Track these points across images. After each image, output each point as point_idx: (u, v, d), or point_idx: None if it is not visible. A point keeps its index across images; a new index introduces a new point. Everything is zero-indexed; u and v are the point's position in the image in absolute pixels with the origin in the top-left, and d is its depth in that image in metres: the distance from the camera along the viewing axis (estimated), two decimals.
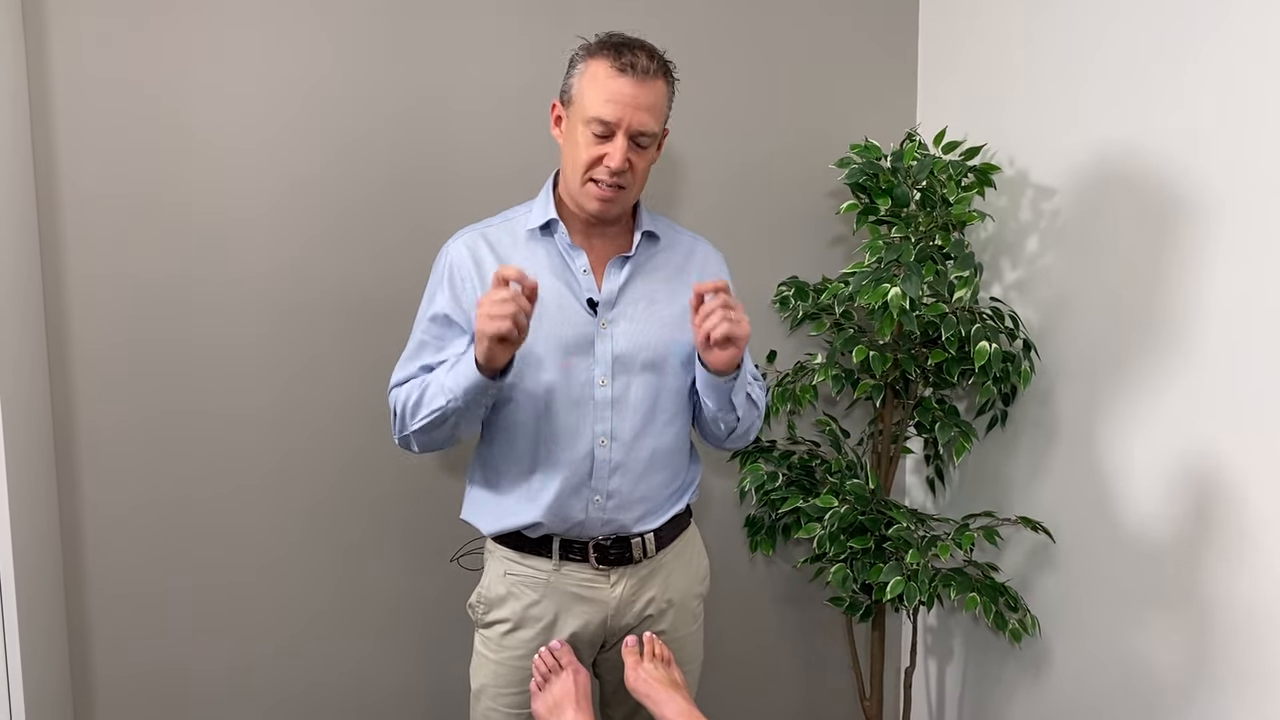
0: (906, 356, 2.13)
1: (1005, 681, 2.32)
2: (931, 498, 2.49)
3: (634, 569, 1.70)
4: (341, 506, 2.10)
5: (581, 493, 1.64)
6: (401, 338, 1.66)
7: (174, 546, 2.00)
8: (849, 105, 2.38)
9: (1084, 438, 2.09)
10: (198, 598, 2.03)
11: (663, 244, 1.68)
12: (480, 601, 1.71)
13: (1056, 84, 2.09)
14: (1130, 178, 1.95)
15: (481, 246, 1.63)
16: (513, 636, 1.68)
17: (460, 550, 1.95)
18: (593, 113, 1.52)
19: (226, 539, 2.03)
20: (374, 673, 2.15)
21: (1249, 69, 1.72)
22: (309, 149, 2.00)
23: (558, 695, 1.58)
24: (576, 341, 1.61)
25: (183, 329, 1.96)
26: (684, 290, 1.67)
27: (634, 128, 1.53)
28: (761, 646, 2.49)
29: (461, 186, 2.10)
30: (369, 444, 2.08)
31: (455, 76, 2.07)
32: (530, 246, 1.64)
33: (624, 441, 1.64)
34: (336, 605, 2.12)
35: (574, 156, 1.57)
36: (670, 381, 1.67)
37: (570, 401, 1.61)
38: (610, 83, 1.51)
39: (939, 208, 2.07)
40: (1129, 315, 1.97)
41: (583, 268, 1.62)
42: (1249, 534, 1.78)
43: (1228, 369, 1.79)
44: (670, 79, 1.58)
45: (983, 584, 2.14)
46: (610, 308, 1.63)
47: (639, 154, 1.56)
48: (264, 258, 2.00)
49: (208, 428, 2.00)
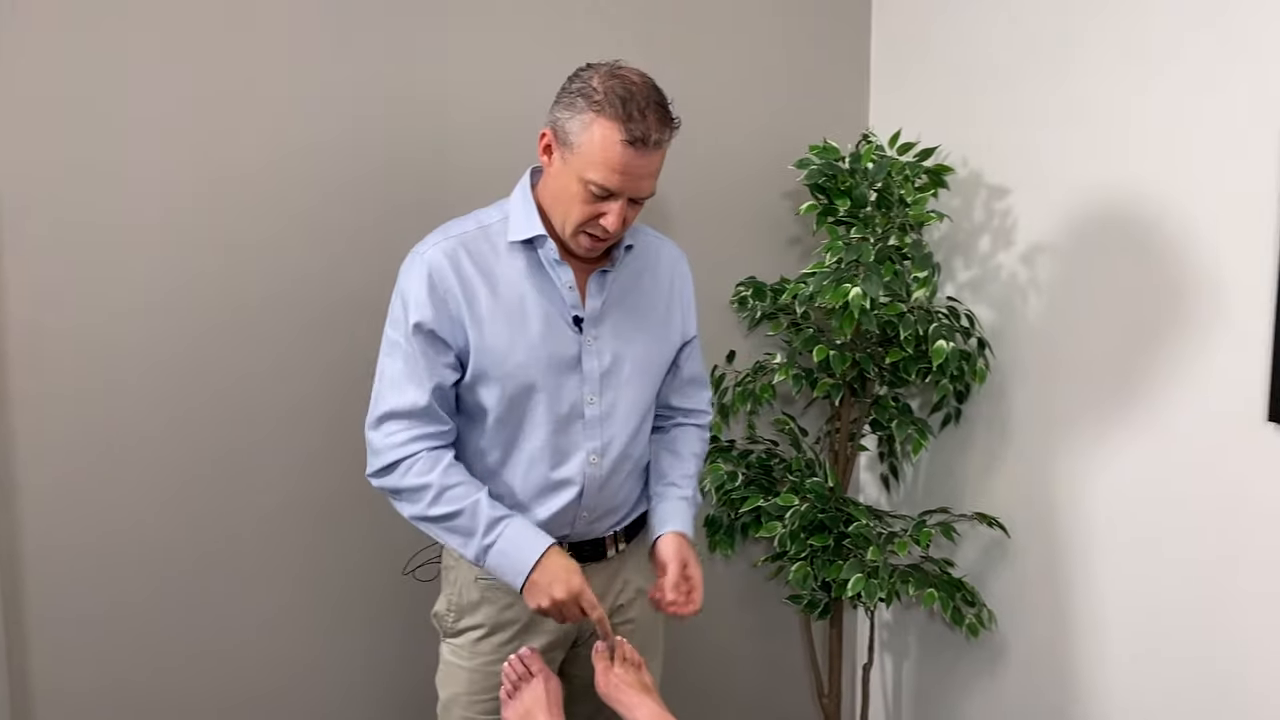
0: (865, 356, 2.15)
1: (961, 676, 2.36)
2: (886, 494, 2.51)
3: (603, 565, 1.70)
4: (292, 518, 2.04)
5: (572, 511, 1.63)
6: (348, 339, 1.58)
7: (117, 558, 1.92)
8: (802, 107, 2.39)
9: (1037, 434, 2.13)
10: (139, 611, 1.95)
11: (636, 250, 1.65)
12: (450, 610, 1.68)
13: (1008, 86, 2.12)
14: (1080, 178, 1.99)
15: (462, 256, 1.54)
16: (487, 642, 1.66)
17: (415, 562, 1.91)
18: (594, 176, 1.45)
19: (171, 549, 1.96)
20: (325, 680, 2.11)
21: (1194, 71, 1.77)
22: (247, 150, 1.94)
23: (529, 703, 1.56)
24: (565, 360, 1.57)
25: (125, 336, 1.88)
26: (656, 292, 1.67)
27: (636, 194, 1.48)
28: (719, 646, 2.49)
29: (407, 185, 2.05)
30: (320, 452, 2.02)
31: (406, 71, 2.03)
32: (512, 259, 1.56)
33: (612, 457, 1.63)
34: (288, 614, 2.06)
35: (567, 207, 1.50)
36: (651, 392, 1.68)
37: (562, 421, 1.59)
38: (617, 152, 1.43)
39: (896, 208, 2.09)
40: (1080, 313, 2.02)
41: (568, 284, 1.57)
42: (1198, 528, 1.83)
43: (1176, 366, 1.84)
44: (674, 130, 1.50)
45: (940, 580, 2.17)
46: (595, 324, 1.59)
47: (635, 208, 1.52)
48: (195, 262, 1.92)
49: (153, 435, 1.93)
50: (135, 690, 1.94)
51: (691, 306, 1.73)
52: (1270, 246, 1.68)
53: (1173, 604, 1.89)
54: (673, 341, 1.70)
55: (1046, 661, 2.15)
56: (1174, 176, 1.82)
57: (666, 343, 1.68)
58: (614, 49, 1.82)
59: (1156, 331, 1.88)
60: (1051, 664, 2.14)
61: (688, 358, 1.75)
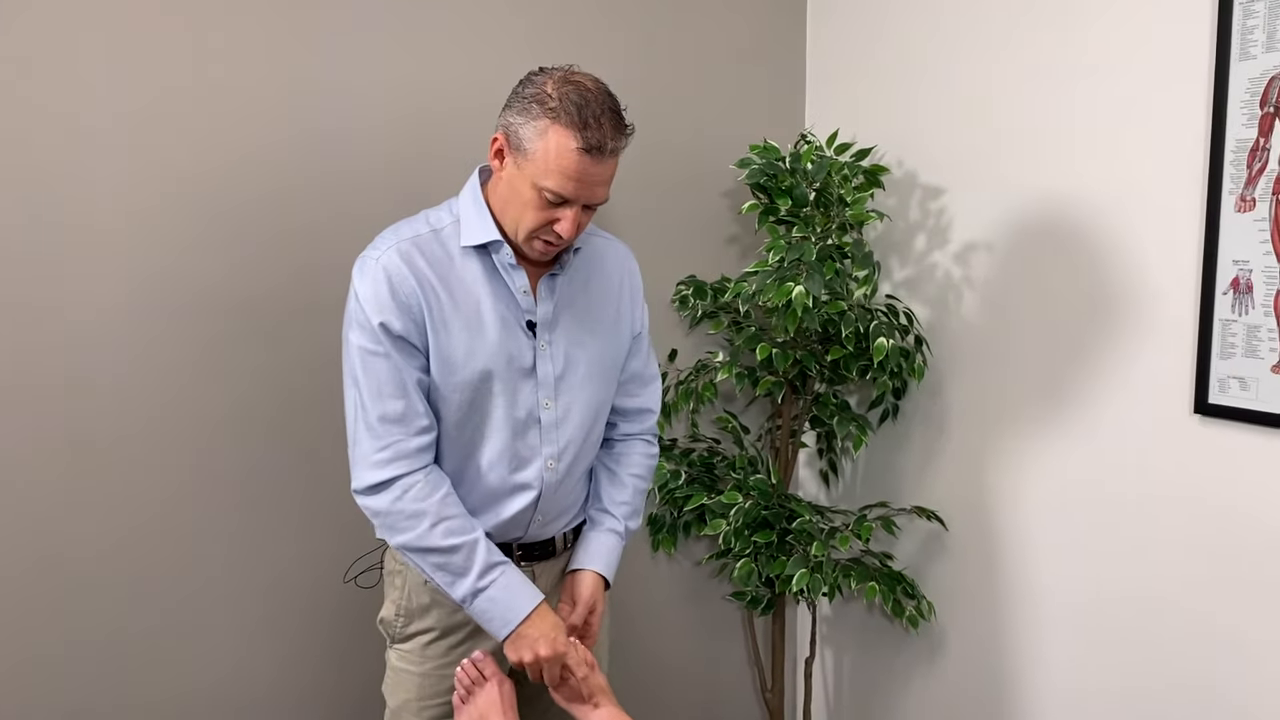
0: (807, 354, 2.18)
1: (900, 667, 2.40)
2: (825, 490, 2.55)
3: (554, 561, 1.70)
4: (235, 525, 1.99)
5: (528, 515, 1.62)
6: (284, 337, 1.52)
7: (40, 574, 1.84)
8: (740, 108, 2.41)
9: (973, 429, 2.18)
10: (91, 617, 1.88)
11: (582, 251, 1.64)
12: (399, 615, 1.65)
13: (941, 88, 2.17)
14: (1012, 178, 2.04)
15: (417, 259, 1.50)
16: (437, 645, 1.64)
17: (356, 569, 1.88)
18: (548, 184, 1.44)
19: (99, 562, 1.89)
20: (268, 690, 2.06)
21: (1122, 75, 1.83)
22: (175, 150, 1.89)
23: (483, 707, 1.55)
24: (520, 365, 1.56)
25: (93, 336, 1.81)
26: (605, 293, 1.66)
27: (591, 201, 1.48)
28: (662, 644, 2.50)
29: (333, 179, 2.01)
30: (259, 460, 1.97)
31: (384, 65, 2.00)
32: (466, 263, 1.53)
33: (568, 461, 1.62)
34: (222, 621, 2.01)
35: (519, 212, 1.49)
36: (604, 392, 1.67)
37: (519, 425, 1.57)
38: (573, 160, 1.42)
39: (835, 208, 2.12)
40: (1013, 310, 2.07)
41: (523, 288, 1.55)
42: (1129, 517, 1.89)
43: (1106, 361, 1.90)
44: (628, 137, 1.48)
45: (880, 573, 2.21)
46: (549, 329, 1.58)
47: (588, 214, 1.51)
48: (164, 263, 1.85)
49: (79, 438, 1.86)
50: (90, 693, 1.87)
51: (640, 302, 1.73)
52: (1194, 241, 1.75)
53: (1106, 592, 1.96)
54: (624, 341, 1.70)
55: (984, 651, 2.21)
56: (1103, 176, 1.89)
57: (618, 343, 1.68)
58: (548, 52, 1.82)
59: (1087, 327, 1.94)
60: (988, 654, 2.20)
61: (634, 353, 1.74)
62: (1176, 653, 1.85)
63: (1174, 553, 1.84)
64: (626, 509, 1.74)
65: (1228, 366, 1.71)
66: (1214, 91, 1.68)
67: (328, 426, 1.93)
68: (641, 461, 1.78)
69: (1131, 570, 1.91)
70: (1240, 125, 1.66)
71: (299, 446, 1.99)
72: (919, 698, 2.37)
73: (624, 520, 1.73)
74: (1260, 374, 1.67)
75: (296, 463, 1.99)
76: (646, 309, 1.75)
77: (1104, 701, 1.98)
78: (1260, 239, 1.65)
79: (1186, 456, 1.79)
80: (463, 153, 1.86)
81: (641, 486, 1.77)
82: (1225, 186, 1.68)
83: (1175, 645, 1.85)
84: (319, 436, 1.98)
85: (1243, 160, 1.66)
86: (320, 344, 1.94)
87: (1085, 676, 2.01)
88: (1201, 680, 1.81)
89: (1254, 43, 1.63)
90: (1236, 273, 1.68)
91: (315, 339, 1.94)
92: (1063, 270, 1.97)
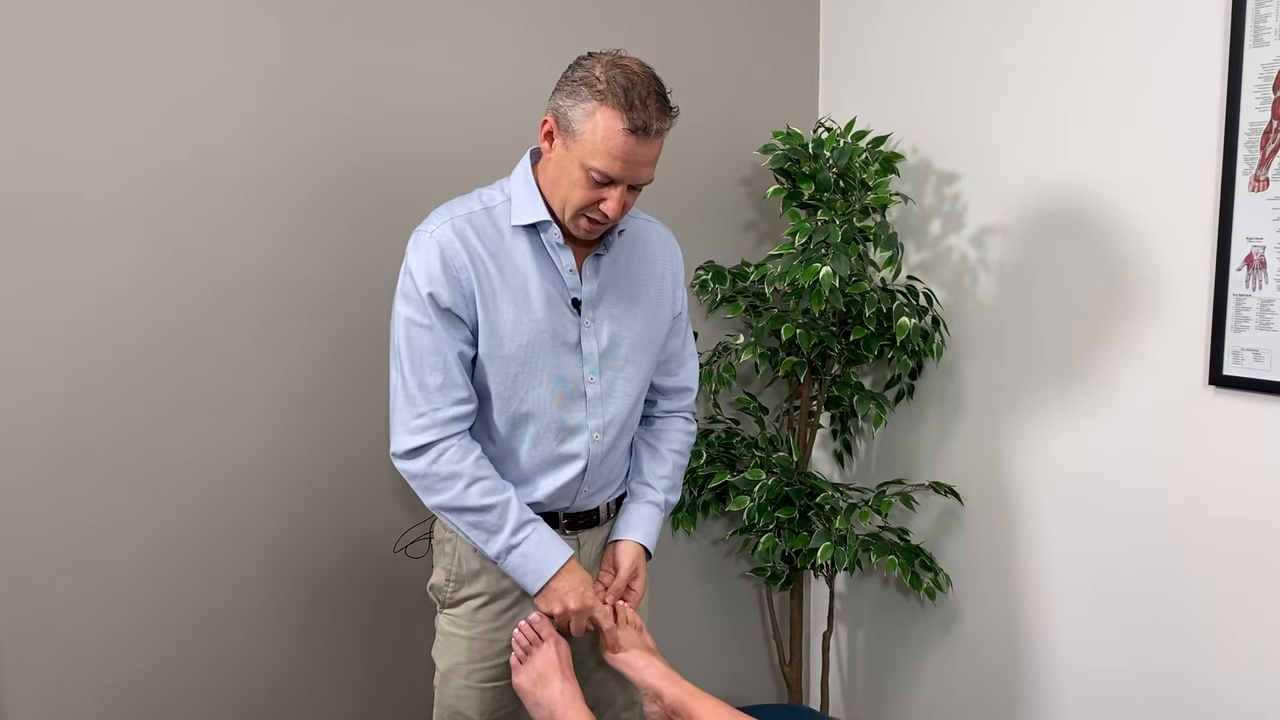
0: (829, 334, 2.24)
1: (915, 640, 2.48)
2: (839, 470, 2.62)
3: (597, 530, 1.76)
4: (270, 510, 2.01)
5: (575, 485, 1.68)
6: (319, 330, 1.54)
7: (65, 556, 1.86)
8: (756, 97, 2.48)
9: (988, 406, 2.26)
10: (111, 611, 1.90)
11: (626, 233, 1.70)
12: (449, 581, 1.70)
13: (954, 75, 2.25)
14: (1026, 162, 2.12)
15: (470, 235, 1.57)
16: (486, 610, 1.69)
17: (406, 539, 1.92)
18: (596, 164, 1.49)
19: (147, 546, 1.92)
20: (317, 673, 2.09)
21: (1135, 58, 1.92)
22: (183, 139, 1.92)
23: (541, 667, 1.60)
24: (566, 341, 1.62)
25: (88, 331, 1.82)
26: (648, 274, 1.72)
27: (637, 181, 1.53)
28: (681, 622, 2.56)
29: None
30: (295, 441, 2.00)
31: (370, 61, 2.04)
32: (516, 241, 1.59)
33: (612, 434, 1.69)
34: (272, 606, 2.04)
35: (568, 192, 1.54)
36: (646, 369, 1.73)
37: (565, 400, 1.63)
38: (619, 140, 1.47)
39: (857, 191, 2.19)
40: (1028, 290, 2.15)
41: (569, 267, 1.61)
42: (1144, 490, 1.97)
43: (1120, 337, 1.98)
44: (673, 119, 1.54)
45: (899, 547, 2.28)
46: (593, 306, 1.64)
47: (634, 194, 1.56)
48: (156, 256, 1.86)
49: (122, 432, 1.88)
50: (110, 690, 1.89)
51: (681, 283, 1.79)
52: (1209, 220, 1.83)
53: (1121, 564, 2.03)
54: (664, 320, 1.75)
55: (998, 624, 2.28)
56: (1118, 160, 1.97)
57: (659, 321, 1.74)
58: (568, 43, 1.87)
59: (1102, 306, 2.02)
60: (1003, 626, 2.27)
61: (674, 332, 1.80)
62: (1191, 624, 1.93)
63: (1188, 522, 1.92)
64: (666, 483, 1.80)
65: (1241, 339, 1.79)
66: (1228, 76, 1.77)
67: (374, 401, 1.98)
68: (680, 438, 1.84)
69: (1147, 542, 1.99)
70: (1254, 109, 1.74)
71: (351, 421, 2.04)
72: (933, 669, 2.44)
73: (664, 494, 1.79)
74: (1273, 345, 1.75)
75: (337, 441, 2.04)
76: (685, 290, 1.81)
77: (1118, 671, 2.05)
78: (1273, 216, 1.73)
79: (1201, 428, 1.88)
80: (513, 140, 1.91)
81: (680, 462, 1.84)
82: (1239, 167, 1.77)
83: (1190, 617, 1.93)
84: (368, 410, 2.03)
85: (1256, 142, 1.74)
86: (359, 324, 1.99)
87: (1099, 647, 2.09)
88: (1217, 652, 1.89)
89: (1267, 29, 1.72)
90: (1250, 249, 1.77)
91: (356, 319, 1.99)
92: (1078, 250, 2.05)
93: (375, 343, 1.92)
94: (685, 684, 1.58)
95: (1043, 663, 2.19)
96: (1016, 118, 2.14)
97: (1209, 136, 1.82)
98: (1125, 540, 2.02)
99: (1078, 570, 2.11)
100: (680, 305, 1.80)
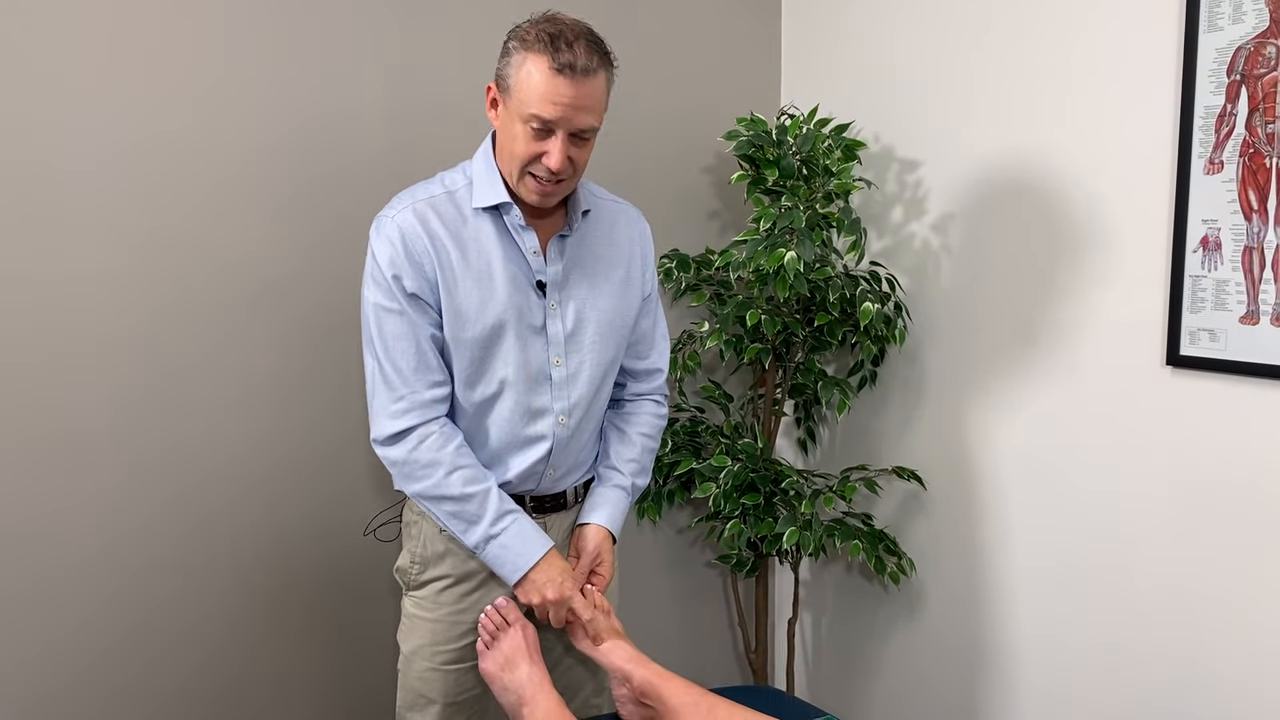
0: (794, 320, 2.25)
1: (880, 624, 2.49)
2: (803, 458, 2.63)
3: (565, 514, 1.74)
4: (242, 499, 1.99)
5: (539, 468, 1.67)
6: (295, 319, 1.53)
7: (31, 559, 1.83)
8: (719, 85, 2.48)
9: (950, 391, 2.28)
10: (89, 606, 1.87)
11: (592, 214, 1.69)
12: (415, 563, 1.69)
13: (914, 63, 2.27)
14: (985, 149, 2.15)
15: (431, 218, 1.56)
16: (450, 592, 1.68)
17: (376, 523, 1.91)
18: (531, 110, 1.48)
19: (124, 538, 1.88)
20: (290, 666, 2.06)
21: (1091, 39, 1.94)
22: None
23: (508, 651, 1.59)
24: (531, 323, 1.61)
25: (67, 323, 1.80)
26: (616, 256, 1.71)
27: (575, 127, 1.50)
28: (647, 611, 2.55)
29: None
30: (269, 430, 1.99)
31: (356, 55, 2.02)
32: (478, 224, 1.59)
33: (578, 417, 1.68)
34: (246, 596, 2.01)
35: (511, 149, 1.53)
36: (613, 351, 1.71)
37: (530, 383, 1.62)
38: (547, 82, 1.46)
39: (820, 178, 2.20)
40: (988, 276, 2.17)
41: (533, 249, 1.60)
42: (1104, 471, 2.00)
43: (1078, 319, 2.01)
44: (610, 67, 1.54)
45: (863, 532, 2.29)
46: (559, 289, 1.63)
47: (579, 148, 1.54)
48: (135, 247, 1.84)
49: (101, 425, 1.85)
50: (87, 686, 1.86)
51: (651, 265, 1.79)
52: (1165, 203, 1.86)
53: (1081, 543, 2.06)
54: (633, 302, 1.75)
55: (961, 606, 2.30)
56: (1075, 146, 1.99)
57: (627, 304, 1.72)
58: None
59: (1059, 289, 2.04)
60: (965, 608, 2.29)
61: (644, 313, 1.79)
62: (1149, 602, 1.96)
63: (1147, 502, 1.95)
64: (634, 466, 1.79)
65: (1198, 320, 1.82)
66: (1183, 61, 1.80)
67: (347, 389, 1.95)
68: (650, 421, 1.83)
69: (1106, 521, 2.02)
70: (1209, 93, 1.77)
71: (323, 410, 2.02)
72: (898, 653, 2.46)
73: (631, 477, 1.78)
74: (1229, 325, 1.78)
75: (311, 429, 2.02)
76: (656, 272, 1.81)
77: (1078, 649, 2.08)
78: (1228, 199, 1.76)
79: (1160, 406, 1.91)
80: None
81: (649, 445, 1.82)
82: (1195, 150, 1.80)
83: (1148, 595, 1.96)
84: (340, 399, 2.02)
85: (1211, 125, 1.77)
86: (329, 313, 1.97)
87: (1060, 626, 2.11)
88: (1175, 629, 1.92)
89: (1221, 14, 1.75)
90: (1206, 231, 1.80)
91: (325, 311, 1.98)
92: (1037, 236, 2.08)
93: (343, 330, 1.91)
94: (654, 666, 1.58)
95: (1005, 643, 2.22)
96: (976, 105, 2.16)
97: (1165, 121, 1.85)
98: (1086, 521, 2.04)
99: (1039, 551, 2.14)
100: (650, 286, 1.79)
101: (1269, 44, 1.70)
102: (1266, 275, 1.73)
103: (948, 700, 2.35)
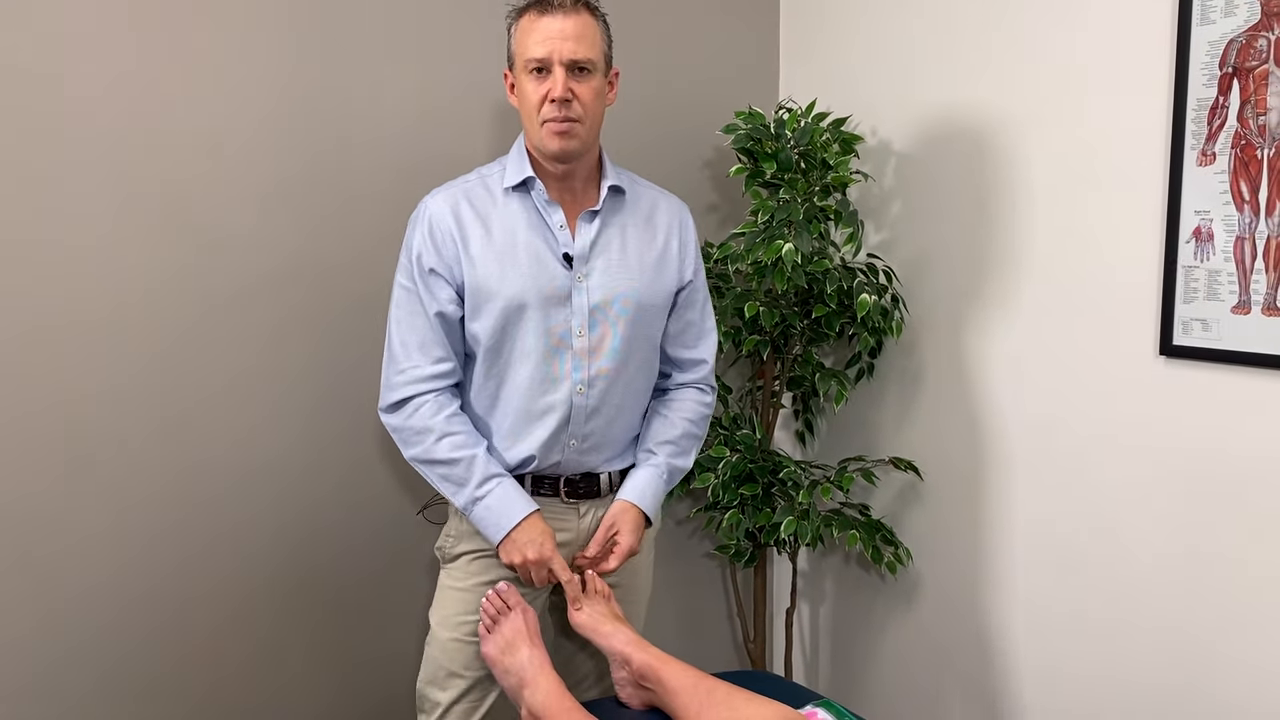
0: (792, 312, 2.27)
1: (878, 614, 2.51)
2: (801, 449, 2.65)
3: (600, 501, 1.78)
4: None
5: (560, 437, 1.71)
6: (325, 326, 1.58)
7: (39, 550, 1.86)
8: (717, 80, 2.50)
9: (947, 383, 2.30)
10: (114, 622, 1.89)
11: (628, 197, 1.75)
12: (450, 535, 1.77)
13: (913, 58, 2.29)
14: (984, 141, 2.16)
15: (462, 204, 1.68)
16: (480, 562, 1.74)
17: (426, 503, 2.00)
18: (527, 55, 1.61)
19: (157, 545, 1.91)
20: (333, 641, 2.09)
21: (1086, 39, 1.97)
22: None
23: (509, 635, 1.61)
24: (555, 294, 1.67)
25: (91, 339, 1.84)
26: (652, 238, 1.77)
27: (566, 57, 1.60)
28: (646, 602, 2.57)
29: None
30: (310, 428, 2.04)
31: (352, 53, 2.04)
32: (508, 203, 1.69)
33: (600, 389, 1.71)
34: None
35: (525, 106, 1.65)
36: (643, 329, 1.75)
37: (551, 351, 1.68)
38: (536, 25, 1.60)
39: (818, 171, 2.23)
40: (984, 268, 2.19)
41: (559, 223, 1.69)
42: (1098, 460, 2.02)
43: (1073, 310, 2.03)
44: (598, 14, 1.66)
45: (860, 522, 2.31)
46: (584, 261, 1.70)
47: (582, 83, 1.62)
48: (154, 261, 1.88)
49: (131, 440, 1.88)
50: (121, 692, 1.90)
51: (692, 252, 1.83)
52: (1158, 194, 1.88)
53: (1077, 531, 2.08)
54: (668, 285, 1.78)
55: (957, 595, 2.32)
56: (1070, 138, 2.02)
57: (661, 286, 1.77)
58: None
59: (1054, 280, 2.06)
60: (962, 597, 2.31)
61: (686, 304, 1.83)
62: (1145, 590, 1.98)
63: (1142, 490, 1.97)
64: (671, 448, 1.82)
65: (1190, 310, 1.84)
66: (1176, 54, 1.82)
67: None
68: (694, 406, 1.87)
69: (1102, 509, 2.04)
70: (1201, 85, 1.79)
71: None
72: (896, 643, 2.48)
73: (666, 458, 1.81)
74: (1221, 315, 1.80)
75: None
76: (697, 260, 1.84)
77: (1075, 638, 2.10)
78: (1220, 190, 1.79)
79: (1154, 395, 1.93)
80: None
81: (692, 430, 1.85)
82: (1187, 142, 1.82)
83: (1144, 583, 1.98)
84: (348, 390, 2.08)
85: (1203, 118, 1.80)
86: (369, 309, 2.02)
87: (1056, 614, 2.13)
88: (1169, 616, 1.94)
89: (1213, 8, 1.77)
90: (1198, 222, 1.82)
91: (364, 308, 2.04)
92: (1032, 229, 2.10)
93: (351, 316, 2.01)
94: (653, 649, 1.60)
95: (1001, 631, 2.24)
96: (973, 99, 2.18)
97: (1158, 113, 1.87)
98: (1081, 509, 2.06)
99: (1035, 541, 2.16)
100: (690, 274, 1.83)
101: (1260, 37, 1.72)
102: (1258, 265, 1.75)
103: (945, 688, 2.37)
